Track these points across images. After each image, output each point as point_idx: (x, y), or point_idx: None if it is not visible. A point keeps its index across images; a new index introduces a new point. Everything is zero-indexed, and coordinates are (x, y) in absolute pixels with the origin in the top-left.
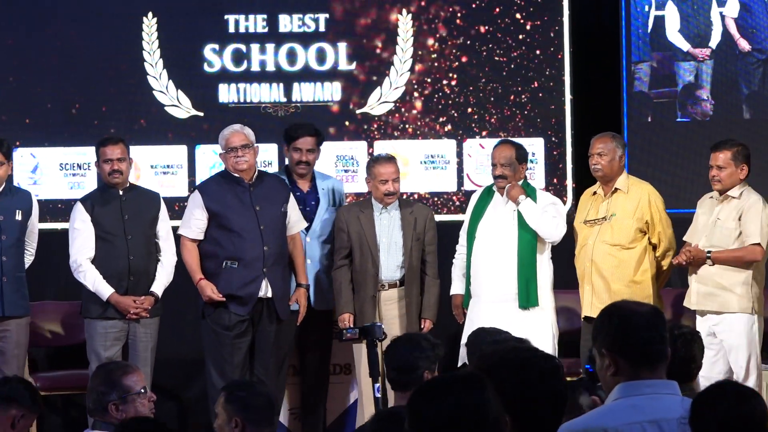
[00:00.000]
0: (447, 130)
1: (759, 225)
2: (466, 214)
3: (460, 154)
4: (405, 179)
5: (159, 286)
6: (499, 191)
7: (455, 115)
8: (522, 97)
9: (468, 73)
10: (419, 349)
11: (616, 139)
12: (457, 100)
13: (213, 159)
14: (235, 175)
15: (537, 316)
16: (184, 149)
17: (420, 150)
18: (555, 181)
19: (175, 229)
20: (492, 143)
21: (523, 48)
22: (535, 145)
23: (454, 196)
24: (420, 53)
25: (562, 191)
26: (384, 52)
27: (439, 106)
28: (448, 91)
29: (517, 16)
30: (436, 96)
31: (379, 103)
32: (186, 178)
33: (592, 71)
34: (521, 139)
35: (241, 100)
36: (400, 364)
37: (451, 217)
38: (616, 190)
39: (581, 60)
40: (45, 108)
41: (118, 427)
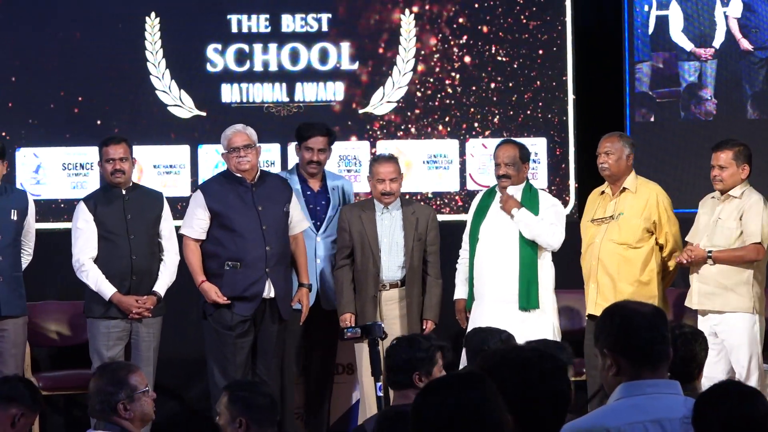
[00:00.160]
0: (449, 130)
1: (759, 224)
2: (468, 216)
3: (462, 153)
4: (407, 179)
5: (162, 286)
6: (501, 191)
7: (458, 114)
8: (524, 97)
9: (470, 73)
10: (418, 350)
11: (624, 139)
12: (459, 99)
13: (216, 159)
14: (237, 175)
15: (538, 317)
16: (186, 149)
17: (422, 150)
18: (557, 180)
19: (177, 229)
20: (494, 143)
21: (526, 48)
22: (537, 145)
23: (457, 196)
24: (422, 53)
25: (565, 191)
26: (387, 52)
27: (442, 106)
28: (450, 90)
29: (520, 16)
30: (439, 96)
31: (381, 102)
32: (189, 178)
33: (595, 71)
34: (524, 139)
35: (244, 99)
36: (397, 364)
37: (453, 217)
38: (624, 189)
39: (584, 60)
40: (48, 108)
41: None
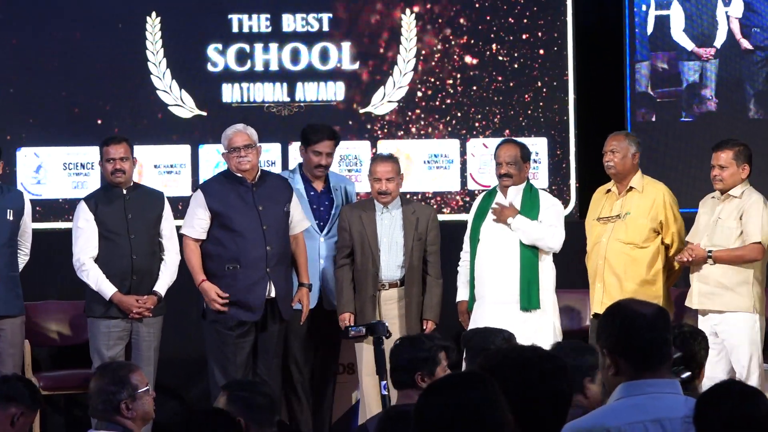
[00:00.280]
0: (450, 129)
1: (759, 224)
2: (469, 217)
3: (463, 153)
4: (408, 179)
5: (162, 286)
6: (503, 191)
7: (458, 114)
8: (525, 96)
9: (471, 72)
10: (420, 350)
11: (630, 138)
12: (460, 99)
13: (216, 158)
14: (237, 174)
15: (538, 318)
16: (187, 149)
17: (423, 149)
18: (558, 180)
19: (177, 228)
20: (495, 143)
21: (527, 47)
22: (538, 145)
23: (458, 196)
24: (423, 53)
25: (566, 191)
26: (387, 51)
27: (443, 106)
28: (451, 90)
29: (521, 16)
30: (440, 95)
31: (382, 102)
32: (189, 177)
33: (596, 70)
34: (524, 139)
35: (245, 99)
36: (400, 364)
37: (454, 216)
38: (631, 188)
39: (585, 59)
40: (48, 107)
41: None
